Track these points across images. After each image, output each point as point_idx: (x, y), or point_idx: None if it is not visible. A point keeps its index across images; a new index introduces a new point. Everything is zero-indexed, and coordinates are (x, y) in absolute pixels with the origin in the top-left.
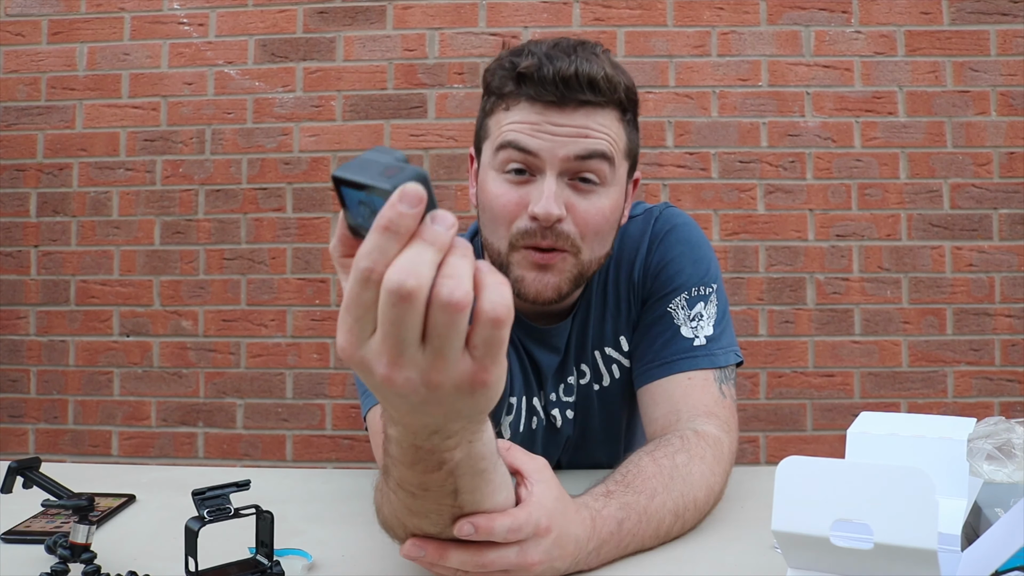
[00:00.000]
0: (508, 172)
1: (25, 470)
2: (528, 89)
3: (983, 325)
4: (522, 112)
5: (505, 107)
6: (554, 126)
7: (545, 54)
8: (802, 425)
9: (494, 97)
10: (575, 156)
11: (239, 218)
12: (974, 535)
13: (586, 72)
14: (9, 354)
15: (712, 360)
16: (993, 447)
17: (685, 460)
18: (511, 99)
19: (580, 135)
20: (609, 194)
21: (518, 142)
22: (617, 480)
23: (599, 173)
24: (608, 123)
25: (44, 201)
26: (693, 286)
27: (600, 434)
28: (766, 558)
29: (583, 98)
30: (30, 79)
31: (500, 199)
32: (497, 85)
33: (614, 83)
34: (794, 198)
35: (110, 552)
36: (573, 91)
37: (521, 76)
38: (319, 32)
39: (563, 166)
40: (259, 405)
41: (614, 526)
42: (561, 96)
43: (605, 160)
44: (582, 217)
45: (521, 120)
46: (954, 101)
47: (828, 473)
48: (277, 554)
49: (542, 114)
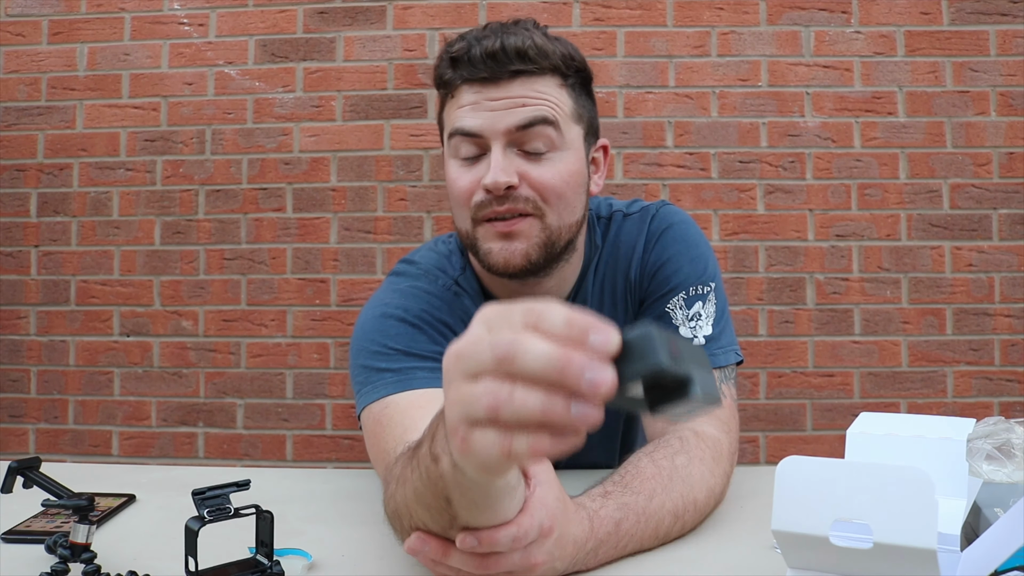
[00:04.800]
0: (461, 158)
1: (25, 470)
2: (462, 71)
3: (983, 325)
4: (463, 96)
5: (451, 96)
6: (491, 101)
7: (474, 36)
8: (802, 425)
9: (442, 90)
10: (516, 127)
11: (239, 218)
12: (973, 535)
13: (513, 44)
14: (9, 354)
15: (712, 360)
16: (992, 447)
17: (685, 461)
18: (452, 86)
19: (517, 105)
20: (563, 158)
21: (462, 127)
22: (615, 481)
23: (546, 139)
24: (547, 89)
25: (44, 201)
26: (691, 285)
27: (597, 434)
28: (766, 558)
29: (514, 68)
30: (30, 79)
31: (457, 182)
32: (439, 75)
33: (545, 51)
34: (794, 198)
35: (110, 552)
36: (502, 64)
37: (454, 60)
38: (319, 32)
39: (507, 138)
40: (259, 405)
41: (611, 527)
42: (492, 71)
43: (548, 124)
44: (537, 181)
45: (462, 104)
46: (954, 101)
47: (828, 473)
48: (277, 554)
49: (479, 92)
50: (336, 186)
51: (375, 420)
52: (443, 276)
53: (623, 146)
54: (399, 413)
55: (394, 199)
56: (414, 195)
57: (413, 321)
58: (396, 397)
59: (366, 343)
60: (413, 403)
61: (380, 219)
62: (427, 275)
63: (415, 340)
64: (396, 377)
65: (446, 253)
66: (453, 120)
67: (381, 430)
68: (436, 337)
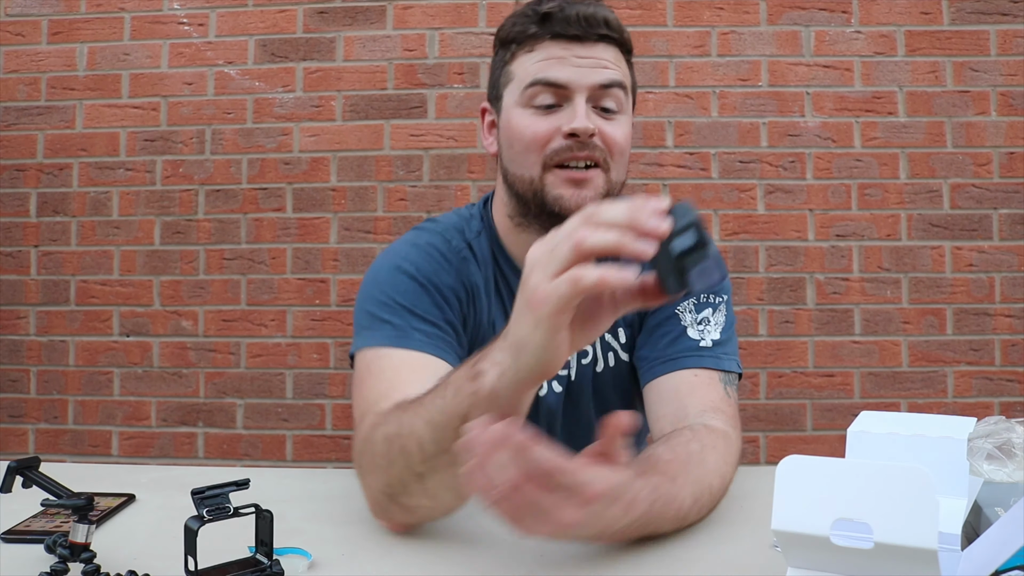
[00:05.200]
0: (535, 106)
1: (25, 470)
2: (553, 27)
3: (983, 325)
4: (547, 49)
5: (528, 49)
6: (579, 58)
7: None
8: (802, 425)
9: (514, 44)
10: (599, 85)
11: (239, 218)
12: (974, 534)
13: (602, 13)
14: (9, 354)
15: (717, 362)
16: (993, 446)
17: (699, 448)
18: (535, 40)
19: (602, 66)
20: (626, 121)
21: (548, 77)
22: (643, 463)
23: (618, 101)
24: (618, 59)
25: (44, 201)
26: (702, 293)
27: (593, 420)
28: (766, 557)
29: (602, 32)
30: (30, 79)
31: (531, 127)
32: (519, 32)
33: (621, 27)
34: (794, 198)
35: (110, 551)
36: (593, 27)
37: (545, 17)
38: (319, 32)
39: (590, 93)
40: (259, 405)
41: (646, 507)
42: (584, 31)
43: (622, 89)
44: (610, 137)
45: (548, 57)
46: (954, 101)
47: (828, 472)
48: (277, 553)
49: (567, 48)
50: (336, 186)
51: (366, 366)
52: (458, 238)
53: None
54: (391, 369)
55: (394, 199)
56: (414, 195)
57: (422, 281)
58: (391, 351)
59: (375, 291)
60: (406, 363)
61: (380, 219)
62: (444, 234)
63: (420, 299)
64: (395, 332)
65: (467, 216)
66: (534, 71)
67: (370, 377)
68: (439, 301)
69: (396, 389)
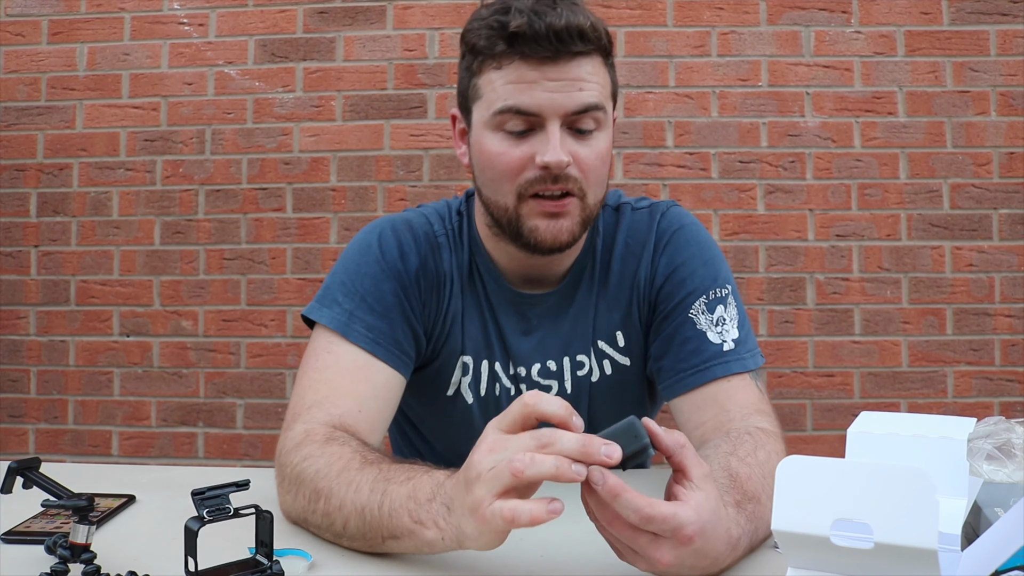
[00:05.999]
0: (507, 131)
1: (25, 470)
2: (521, 47)
3: (983, 325)
4: (516, 70)
5: (496, 66)
6: (551, 81)
7: (532, 10)
8: (802, 425)
9: (482, 56)
10: (573, 111)
11: (239, 218)
12: (974, 535)
13: (575, 23)
14: (9, 354)
15: (744, 364)
16: (993, 447)
17: (766, 457)
18: (503, 58)
19: (577, 88)
20: (604, 137)
21: (518, 104)
22: (732, 488)
23: (596, 119)
24: (596, 70)
25: (44, 201)
26: (709, 289)
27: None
28: (766, 557)
29: (576, 49)
30: (30, 79)
31: (503, 157)
32: (485, 45)
33: (599, 30)
34: (794, 198)
35: (110, 552)
36: (566, 44)
37: (513, 36)
38: (319, 32)
39: (564, 120)
40: (259, 405)
41: (747, 542)
42: (555, 51)
43: (599, 110)
44: (585, 163)
45: (517, 79)
46: (954, 101)
47: (828, 473)
48: (277, 554)
49: (537, 69)
50: (336, 186)
51: (315, 353)
52: (439, 223)
53: (623, 146)
54: (336, 372)
55: (394, 199)
56: (414, 195)
57: (386, 263)
58: (337, 345)
59: (340, 265)
60: (349, 369)
61: None
62: (428, 216)
63: (379, 286)
64: (341, 316)
65: (454, 206)
66: (503, 94)
67: (314, 372)
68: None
69: (330, 400)
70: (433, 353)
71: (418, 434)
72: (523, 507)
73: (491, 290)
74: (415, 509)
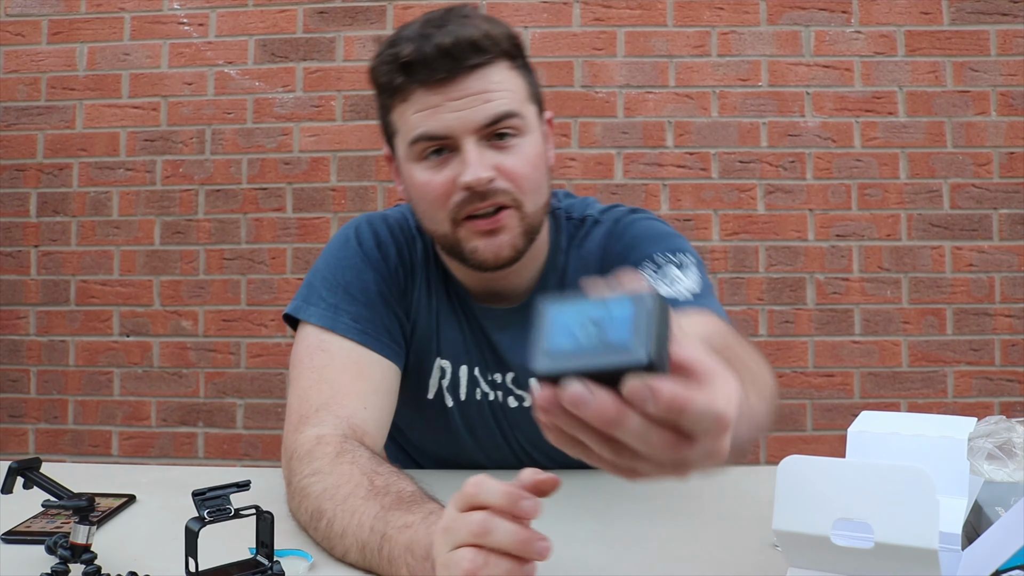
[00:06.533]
0: (427, 158)
1: (25, 470)
2: (417, 75)
3: (983, 325)
4: (420, 99)
5: (402, 99)
6: (454, 100)
7: (419, 35)
8: (802, 425)
9: (387, 93)
10: (484, 124)
11: (239, 218)
12: (975, 534)
13: (465, 36)
14: (9, 354)
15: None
16: (994, 446)
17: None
18: (405, 90)
19: (482, 100)
20: (529, 143)
21: (427, 132)
22: None
23: (514, 125)
24: (502, 78)
25: (44, 201)
26: (659, 252)
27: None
28: (767, 557)
29: (471, 63)
30: (30, 79)
31: (429, 185)
32: (386, 81)
33: (494, 37)
34: (794, 198)
35: (110, 553)
36: (459, 60)
37: (407, 66)
38: (319, 32)
39: (477, 134)
40: (259, 405)
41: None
42: (450, 70)
43: (513, 116)
44: (512, 172)
45: (422, 107)
46: (954, 101)
47: (829, 472)
48: (277, 554)
49: (438, 92)
50: (336, 186)
51: (307, 351)
52: (413, 218)
53: (623, 146)
54: (334, 371)
55: (394, 199)
56: None
57: (366, 253)
58: (332, 346)
59: (326, 259)
60: (346, 366)
61: None
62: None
63: (360, 276)
64: (327, 312)
65: None
66: (413, 124)
67: (311, 372)
68: (376, 278)
69: (336, 401)
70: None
71: (405, 438)
72: None
73: (464, 299)
74: (413, 564)
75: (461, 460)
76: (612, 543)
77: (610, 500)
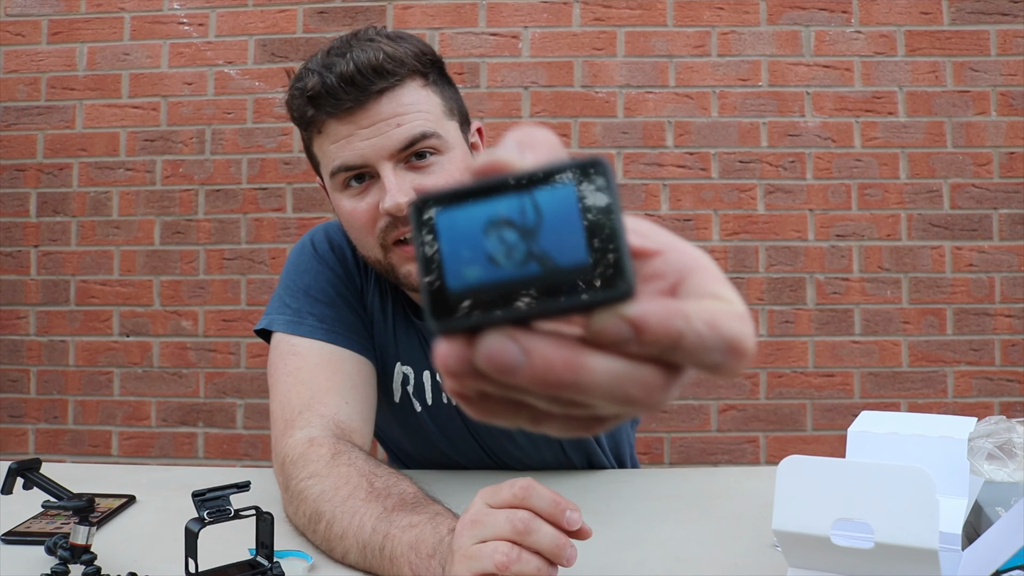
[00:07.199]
0: (349, 187)
1: (25, 471)
2: (325, 107)
3: (983, 325)
4: (333, 130)
5: (317, 131)
6: (365, 129)
7: (322, 65)
8: (802, 425)
9: (303, 126)
10: (398, 149)
11: (239, 218)
12: (975, 534)
13: (367, 62)
14: (9, 354)
15: None
16: (994, 446)
17: None
18: (318, 122)
19: (392, 126)
20: (451, 160)
21: (344, 163)
22: None
23: (432, 145)
24: (414, 98)
25: (44, 201)
26: None
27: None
28: (766, 557)
29: (378, 88)
30: (30, 79)
31: (354, 214)
32: (299, 116)
33: (399, 58)
34: (794, 198)
35: (110, 553)
36: (363, 87)
37: (313, 99)
38: (319, 32)
39: (393, 159)
40: (259, 405)
41: None
42: (356, 99)
43: (428, 137)
44: None
45: (335, 139)
46: (954, 101)
47: (829, 472)
48: (277, 555)
49: (349, 123)
50: None
51: (281, 357)
52: None
53: (623, 146)
54: (308, 372)
55: None
56: None
57: (324, 256)
58: (303, 349)
59: (287, 269)
60: (319, 364)
61: None
62: None
63: (319, 278)
64: (293, 317)
65: None
66: (331, 156)
67: (288, 377)
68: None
69: (317, 400)
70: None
71: (387, 439)
72: None
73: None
74: (416, 563)
75: (439, 461)
76: (612, 543)
77: (610, 500)
